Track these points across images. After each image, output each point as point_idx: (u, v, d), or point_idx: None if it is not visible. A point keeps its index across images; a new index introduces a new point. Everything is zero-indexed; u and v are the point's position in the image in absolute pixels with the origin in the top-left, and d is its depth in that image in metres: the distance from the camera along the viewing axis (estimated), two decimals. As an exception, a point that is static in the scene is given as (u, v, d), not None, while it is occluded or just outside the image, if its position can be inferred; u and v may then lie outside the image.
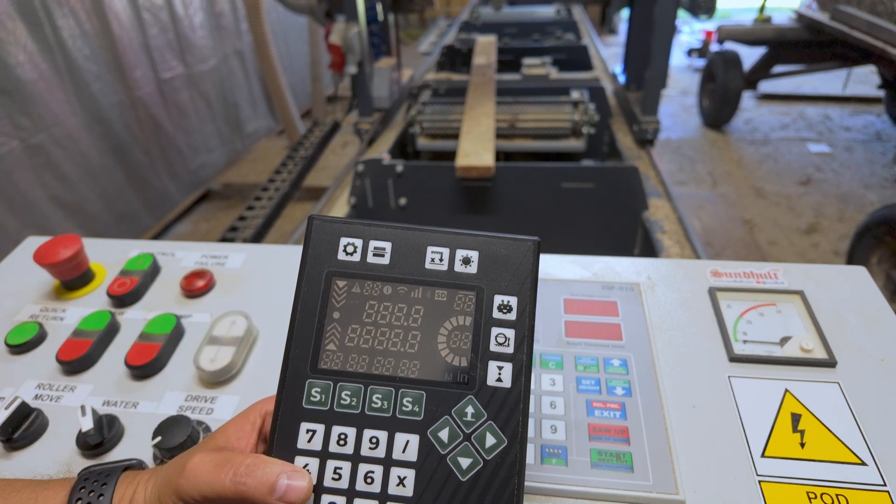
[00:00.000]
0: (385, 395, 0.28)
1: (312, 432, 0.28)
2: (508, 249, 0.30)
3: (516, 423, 0.28)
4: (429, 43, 2.75)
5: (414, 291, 0.30)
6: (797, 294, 0.47)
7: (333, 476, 0.27)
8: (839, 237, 2.25)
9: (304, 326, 0.29)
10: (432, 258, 0.30)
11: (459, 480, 0.27)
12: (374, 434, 0.28)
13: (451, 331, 0.29)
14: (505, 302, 0.30)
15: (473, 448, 0.28)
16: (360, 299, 0.30)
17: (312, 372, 0.29)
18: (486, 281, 0.30)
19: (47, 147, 1.76)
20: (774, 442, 0.37)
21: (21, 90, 1.65)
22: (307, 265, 0.30)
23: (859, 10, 2.41)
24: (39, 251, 0.50)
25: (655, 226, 1.06)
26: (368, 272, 0.30)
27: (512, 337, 0.29)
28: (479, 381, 0.28)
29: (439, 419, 0.28)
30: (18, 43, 1.63)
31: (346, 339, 0.29)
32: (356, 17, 1.40)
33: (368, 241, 0.31)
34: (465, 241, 0.31)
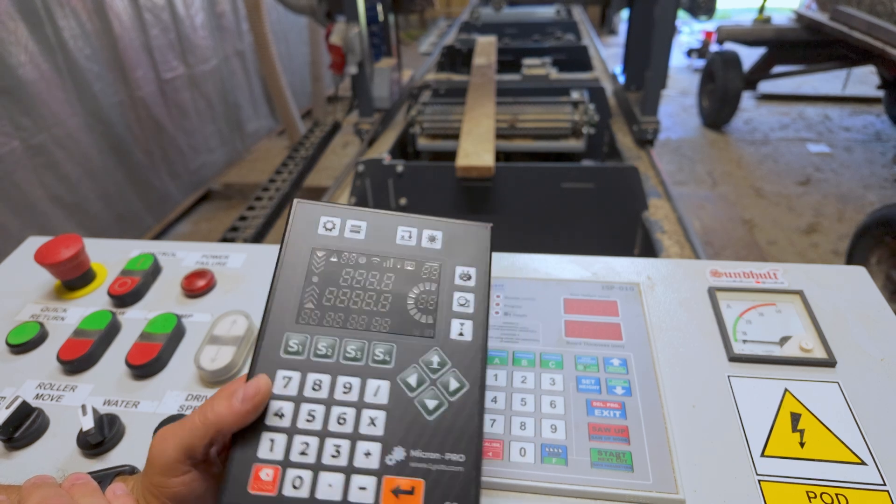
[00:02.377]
0: (359, 346, 0.31)
1: (288, 378, 0.30)
2: (468, 231, 0.36)
3: (476, 370, 0.31)
4: (429, 43, 2.75)
5: (386, 262, 0.34)
6: (797, 294, 0.47)
7: (307, 418, 0.29)
8: (839, 237, 2.25)
9: (285, 288, 0.32)
10: (402, 235, 0.35)
11: (426, 419, 0.30)
12: (347, 380, 0.30)
13: (419, 294, 0.33)
14: (465, 272, 0.34)
15: (439, 391, 0.30)
16: (337, 267, 0.33)
17: (290, 326, 0.31)
18: (449, 255, 0.34)
19: (48, 147, 1.76)
20: (774, 441, 0.37)
21: (22, 90, 1.65)
22: (290, 241, 0.33)
23: (859, 11, 2.41)
24: (40, 251, 0.50)
25: (655, 226, 1.06)
26: (345, 245, 0.34)
27: (472, 300, 0.33)
28: (443, 335, 0.32)
29: (408, 366, 0.31)
30: (20, 43, 1.64)
31: (323, 299, 0.32)
32: (357, 17, 1.40)
33: (346, 220, 0.35)
34: (431, 223, 0.35)
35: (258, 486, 0.27)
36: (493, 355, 0.44)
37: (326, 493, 0.27)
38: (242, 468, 0.27)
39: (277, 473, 0.27)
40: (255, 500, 0.27)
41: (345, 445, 0.29)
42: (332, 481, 0.28)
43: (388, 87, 1.62)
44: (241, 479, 0.27)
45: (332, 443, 0.29)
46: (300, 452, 0.28)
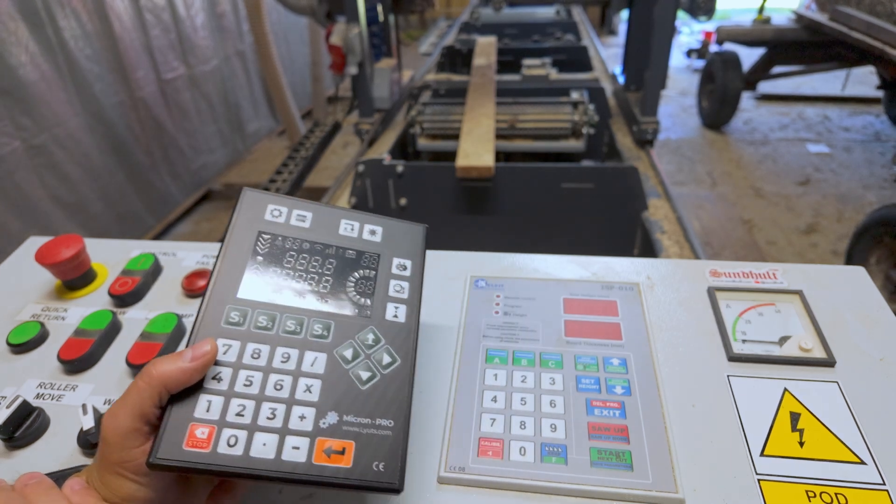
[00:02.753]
0: (298, 321, 0.33)
1: (228, 346, 0.31)
2: (405, 229, 0.38)
3: (408, 347, 0.34)
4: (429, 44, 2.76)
5: (329, 249, 0.36)
6: (796, 294, 0.47)
7: (245, 383, 0.30)
8: (838, 237, 2.25)
9: (229, 265, 0.33)
10: (345, 228, 0.37)
11: (360, 389, 0.31)
12: (286, 351, 0.32)
13: (359, 279, 0.35)
14: (402, 263, 0.37)
15: (372, 364, 0.33)
16: (282, 250, 0.35)
17: (233, 299, 0.32)
18: (388, 248, 0.37)
19: (49, 147, 1.76)
20: (773, 441, 0.37)
21: (23, 91, 1.65)
22: (236, 224, 0.34)
23: (858, 11, 2.41)
24: (41, 251, 0.51)
25: (655, 226, 1.06)
26: (291, 231, 0.35)
27: (407, 287, 0.36)
28: (379, 316, 0.34)
29: (344, 342, 0.33)
30: (20, 44, 1.64)
31: (266, 276, 0.33)
32: (357, 18, 1.41)
33: (292, 209, 0.36)
34: (371, 219, 0.38)
35: (193, 443, 0.28)
36: (492, 355, 0.44)
37: (260, 452, 0.28)
38: (178, 426, 0.28)
39: (213, 432, 0.28)
40: (189, 455, 0.27)
41: (280, 409, 0.30)
42: (266, 441, 0.29)
43: (388, 88, 1.63)
44: (177, 435, 0.28)
45: (269, 406, 0.30)
46: (236, 413, 0.29)
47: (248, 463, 0.28)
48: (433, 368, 0.44)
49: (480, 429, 0.38)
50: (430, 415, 0.40)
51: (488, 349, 0.44)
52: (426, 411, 0.41)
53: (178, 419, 0.28)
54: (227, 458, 0.28)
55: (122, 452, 0.27)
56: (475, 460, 0.37)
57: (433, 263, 0.54)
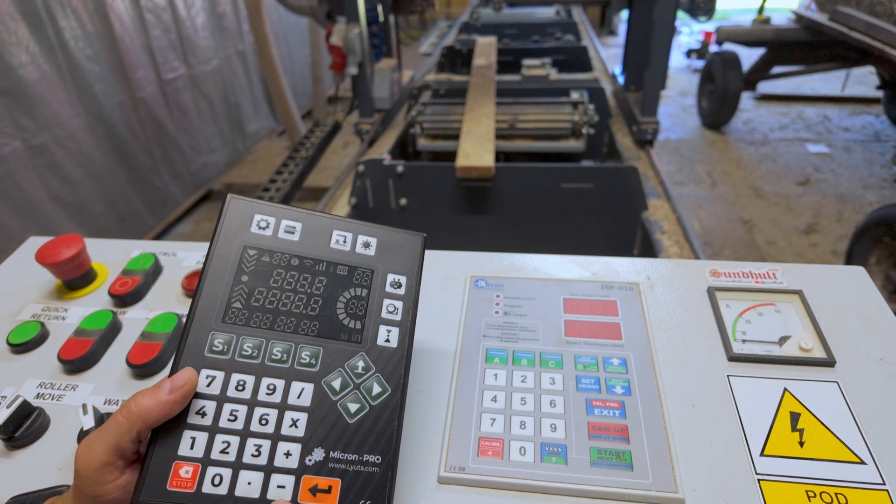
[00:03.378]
0: (285, 348, 0.31)
1: (212, 378, 0.30)
2: (402, 240, 0.36)
3: (399, 376, 0.32)
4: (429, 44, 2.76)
5: (319, 265, 0.34)
6: (796, 294, 0.47)
7: (230, 418, 0.29)
8: (838, 237, 2.25)
9: (213, 285, 0.32)
10: (337, 239, 0.35)
11: (347, 422, 0.30)
12: (271, 382, 0.30)
13: (350, 299, 0.34)
14: (396, 280, 0.35)
15: (362, 395, 0.31)
16: (269, 267, 0.33)
17: (217, 325, 0.31)
18: (382, 262, 0.35)
19: (49, 147, 1.76)
20: (773, 441, 0.37)
21: (24, 91, 1.65)
22: (220, 236, 0.33)
23: (858, 11, 2.41)
24: (41, 251, 0.51)
25: (655, 226, 1.06)
26: (279, 246, 0.34)
27: (400, 307, 0.34)
28: (370, 341, 0.33)
29: (333, 370, 0.31)
30: (21, 44, 1.64)
31: (252, 299, 0.32)
32: (357, 18, 1.41)
33: (280, 219, 0.34)
34: (365, 229, 0.36)
35: (177, 483, 0.27)
36: (492, 355, 0.44)
37: (245, 491, 0.28)
38: (162, 465, 0.27)
39: (197, 471, 0.28)
40: (174, 496, 0.27)
41: (266, 445, 0.29)
42: (251, 479, 0.28)
43: (388, 88, 1.63)
44: (160, 475, 0.27)
45: (254, 442, 0.29)
46: (221, 451, 0.28)
47: (232, 503, 0.27)
48: (433, 368, 0.44)
49: (480, 429, 0.38)
50: (430, 415, 0.40)
51: (488, 349, 0.44)
52: (426, 411, 0.41)
53: (162, 458, 0.28)
54: (211, 498, 0.27)
55: (95, 486, 0.27)
56: (475, 460, 0.37)
57: (433, 263, 0.54)
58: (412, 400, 0.41)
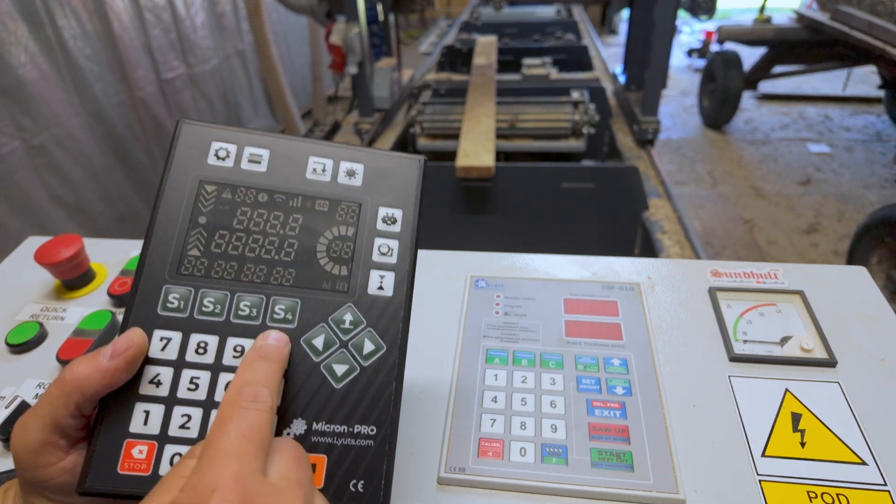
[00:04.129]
0: (254, 302, 0.26)
1: (167, 340, 0.25)
2: (395, 164, 0.30)
3: (396, 330, 0.27)
4: (429, 43, 2.75)
5: (293, 200, 0.28)
6: (797, 294, 0.47)
7: (190, 386, 0.25)
8: (839, 237, 2.25)
9: (164, 231, 0.26)
10: (314, 168, 0.29)
11: (333, 387, 0.26)
12: (239, 342, 0.26)
13: (332, 240, 0.28)
14: (389, 214, 0.29)
15: (350, 355, 0.26)
16: (231, 205, 0.27)
17: (171, 277, 0.26)
18: (371, 194, 0.29)
19: (49, 147, 1.76)
20: (775, 441, 0.37)
21: (23, 90, 1.65)
22: (171, 169, 0.27)
23: (859, 11, 2.41)
24: (40, 251, 0.50)
25: (655, 226, 1.06)
26: (242, 179, 0.28)
27: (395, 248, 0.28)
28: (360, 290, 0.27)
29: (314, 327, 0.26)
30: (20, 43, 1.64)
31: (211, 244, 0.27)
32: (357, 17, 1.40)
33: (243, 147, 0.28)
34: (350, 153, 0.29)
35: (130, 465, 0.23)
36: (493, 355, 0.44)
37: None
38: (110, 445, 0.23)
39: (153, 450, 0.23)
40: (126, 480, 0.23)
41: None
42: None
43: (388, 87, 1.62)
44: (109, 457, 0.23)
45: None
46: (180, 426, 0.24)
47: None
48: (433, 369, 0.43)
49: (480, 429, 0.38)
50: (429, 415, 0.40)
51: (488, 349, 0.44)
52: (426, 412, 0.40)
53: (110, 436, 0.23)
54: None
55: (35, 470, 0.23)
56: (475, 461, 0.37)
57: (433, 263, 0.54)
58: (412, 400, 0.41)
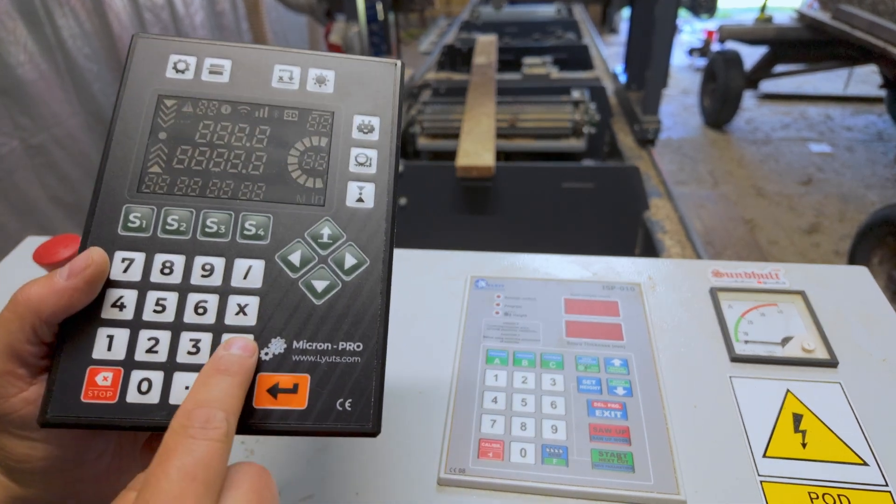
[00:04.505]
0: (222, 219, 0.25)
1: (129, 261, 0.24)
2: (369, 69, 0.28)
3: (380, 243, 0.25)
4: (429, 42, 2.75)
5: (259, 111, 0.26)
6: (798, 294, 0.47)
7: (156, 308, 0.23)
8: (840, 237, 2.25)
9: (122, 149, 0.25)
10: (281, 76, 0.27)
11: (314, 304, 0.24)
12: (207, 261, 0.24)
13: (304, 151, 0.26)
14: (366, 122, 0.27)
15: (330, 270, 0.25)
16: (193, 119, 0.26)
17: (131, 196, 0.24)
18: (345, 101, 0.27)
19: (48, 147, 1.76)
20: (776, 442, 0.37)
21: (22, 90, 1.65)
22: (127, 86, 0.26)
23: (861, 10, 2.41)
24: (39, 251, 0.50)
25: (656, 226, 1.06)
26: (203, 91, 0.26)
27: (374, 157, 0.27)
28: (337, 202, 0.26)
29: (290, 242, 0.25)
30: (19, 43, 1.63)
31: (173, 160, 0.25)
32: (356, 16, 1.40)
33: (203, 58, 0.27)
34: (318, 60, 0.28)
35: (94, 393, 0.22)
36: (493, 355, 0.44)
37: (183, 398, 0.22)
38: (72, 372, 0.22)
39: (118, 376, 0.22)
40: (90, 409, 0.22)
41: (206, 339, 0.23)
42: (189, 382, 0.22)
43: (388, 87, 1.62)
44: (72, 385, 0.22)
45: (189, 337, 0.23)
46: (147, 350, 0.23)
47: (167, 413, 0.22)
48: (433, 369, 0.43)
49: (481, 430, 0.38)
50: (429, 416, 0.40)
51: (489, 350, 0.44)
52: (426, 412, 0.40)
53: (72, 363, 0.22)
54: (139, 408, 0.22)
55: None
56: (475, 462, 0.36)
57: (433, 263, 0.54)
58: (412, 401, 0.41)
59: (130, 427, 0.22)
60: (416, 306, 0.49)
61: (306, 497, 0.36)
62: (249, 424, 0.22)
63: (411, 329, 0.47)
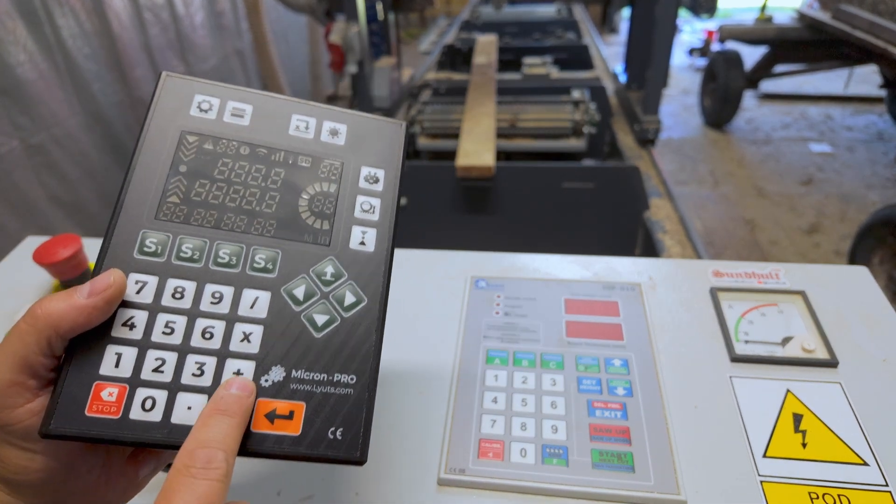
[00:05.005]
0: (234, 251, 0.26)
1: (143, 284, 0.25)
2: (378, 127, 0.31)
3: (378, 284, 0.27)
4: (429, 42, 2.75)
5: (275, 154, 0.28)
6: (799, 294, 0.47)
7: (165, 331, 0.24)
8: (841, 237, 2.25)
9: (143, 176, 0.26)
10: (297, 126, 0.29)
11: (313, 336, 0.26)
12: (217, 289, 0.25)
13: (314, 195, 0.28)
14: (372, 174, 0.29)
15: (331, 305, 0.26)
16: (213, 155, 0.27)
17: (149, 222, 0.26)
18: (354, 153, 0.30)
19: (47, 147, 1.76)
20: (776, 442, 0.37)
21: (21, 90, 1.65)
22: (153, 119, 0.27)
23: (861, 10, 2.40)
24: (39, 251, 0.50)
25: (656, 226, 1.06)
26: (224, 131, 0.28)
27: (378, 206, 0.29)
28: (341, 244, 0.28)
29: (295, 276, 0.26)
30: (18, 42, 1.63)
31: (192, 192, 0.26)
32: (356, 16, 1.40)
33: (226, 101, 0.29)
34: (333, 114, 0.30)
35: (98, 407, 0.22)
36: (493, 355, 0.44)
37: (184, 417, 0.23)
38: (79, 386, 0.23)
39: (124, 393, 0.23)
40: (94, 423, 0.22)
41: (210, 363, 0.24)
42: (191, 403, 0.23)
43: (387, 87, 1.62)
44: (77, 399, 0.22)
45: (195, 360, 0.24)
46: (154, 370, 0.24)
47: (168, 431, 0.23)
48: (433, 369, 0.43)
49: (481, 430, 0.38)
50: (430, 416, 0.40)
51: (489, 350, 0.44)
52: (426, 412, 0.40)
53: (79, 377, 0.23)
54: (141, 425, 0.23)
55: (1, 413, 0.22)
56: (475, 462, 0.36)
57: (433, 263, 0.53)
58: (412, 401, 0.41)
59: (131, 443, 0.23)
60: (417, 306, 0.49)
61: (306, 497, 0.36)
62: (246, 447, 0.23)
63: (412, 329, 0.47)
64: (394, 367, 0.44)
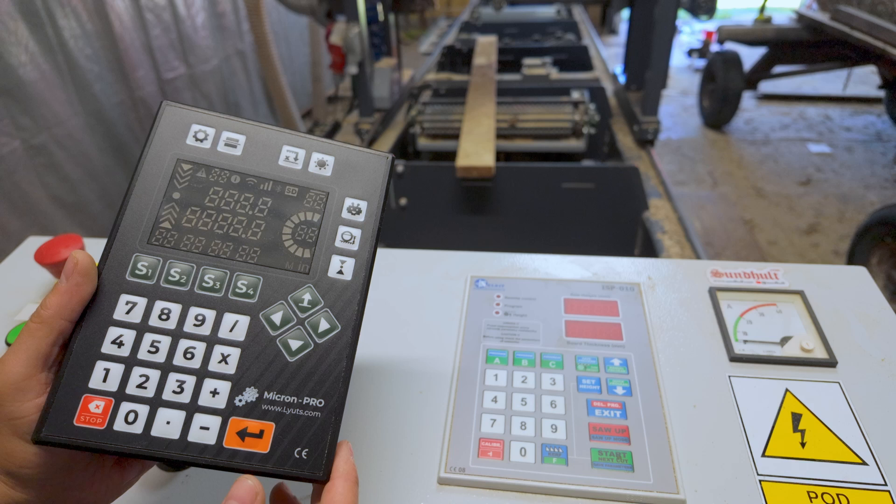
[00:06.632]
0: (218, 276, 0.28)
1: (132, 305, 0.27)
2: (363, 160, 0.32)
3: (352, 312, 0.29)
4: (429, 43, 2.75)
5: (264, 184, 0.30)
6: (797, 294, 0.47)
7: (150, 349, 0.26)
8: (839, 237, 2.25)
9: (139, 202, 0.28)
10: (287, 156, 0.31)
11: (287, 360, 0.27)
12: (200, 312, 0.27)
13: (298, 224, 0.30)
14: (355, 205, 0.31)
15: (306, 332, 0.28)
16: (205, 184, 0.29)
17: (141, 246, 0.28)
18: (339, 184, 0.31)
19: (49, 147, 1.76)
20: (775, 441, 0.37)
21: (23, 90, 1.65)
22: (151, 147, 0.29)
23: (860, 11, 2.41)
24: (40, 251, 0.50)
25: (656, 226, 1.06)
26: (217, 160, 0.30)
27: (358, 236, 0.30)
28: (320, 272, 0.29)
29: (274, 303, 0.28)
30: (20, 43, 1.64)
31: (183, 219, 0.28)
32: (357, 17, 1.40)
33: (221, 131, 0.30)
34: (321, 146, 0.31)
35: (85, 418, 0.24)
36: (493, 355, 0.44)
37: (163, 431, 0.25)
38: (69, 397, 0.25)
39: (109, 406, 0.25)
40: (81, 432, 0.24)
41: (190, 382, 0.26)
42: (170, 418, 0.25)
43: (388, 87, 1.62)
44: (67, 409, 0.24)
45: (176, 378, 0.26)
46: (137, 385, 0.25)
47: (148, 443, 0.25)
48: (433, 369, 0.43)
49: (481, 429, 0.38)
50: (430, 415, 0.40)
51: (489, 349, 0.44)
52: (426, 412, 0.40)
53: (70, 389, 0.25)
54: (123, 436, 0.25)
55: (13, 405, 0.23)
56: (475, 461, 0.37)
57: (433, 263, 0.54)
58: (412, 401, 0.41)
59: (114, 452, 0.25)
60: (417, 306, 0.49)
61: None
62: (217, 462, 0.25)
63: (412, 329, 0.47)
64: (394, 367, 0.44)
